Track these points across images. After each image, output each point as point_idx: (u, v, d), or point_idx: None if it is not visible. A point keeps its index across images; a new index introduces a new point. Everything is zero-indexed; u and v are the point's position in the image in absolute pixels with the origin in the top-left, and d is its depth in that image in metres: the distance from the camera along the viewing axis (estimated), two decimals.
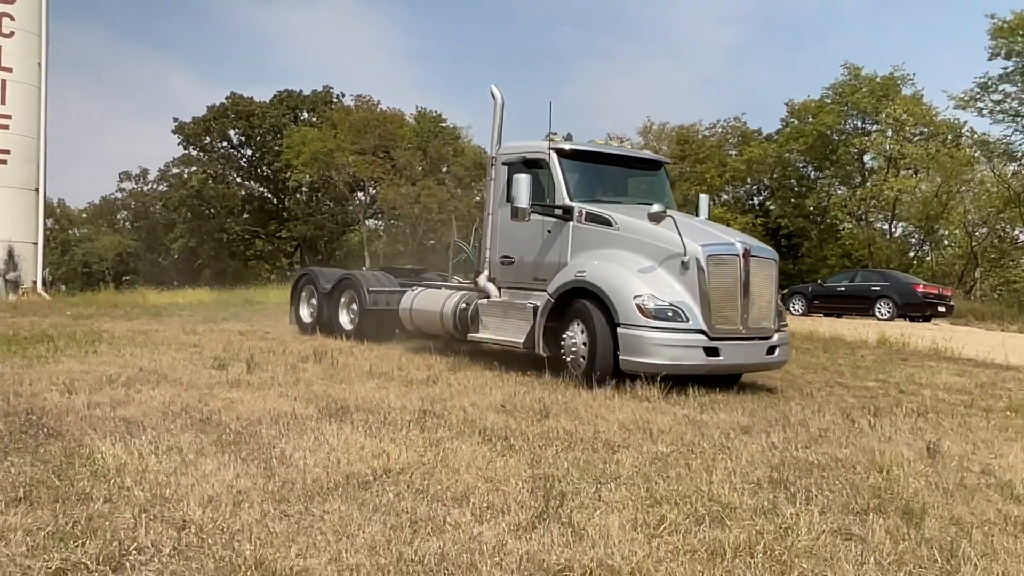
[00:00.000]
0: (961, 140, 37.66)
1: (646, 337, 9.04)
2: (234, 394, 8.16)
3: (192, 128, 61.19)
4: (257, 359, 10.70)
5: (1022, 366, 13.65)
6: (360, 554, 3.97)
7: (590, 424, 7.11)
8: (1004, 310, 29.58)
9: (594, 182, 11.40)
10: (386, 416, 7.12)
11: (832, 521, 4.69)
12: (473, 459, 5.75)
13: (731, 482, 5.39)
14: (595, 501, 4.88)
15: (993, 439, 7.30)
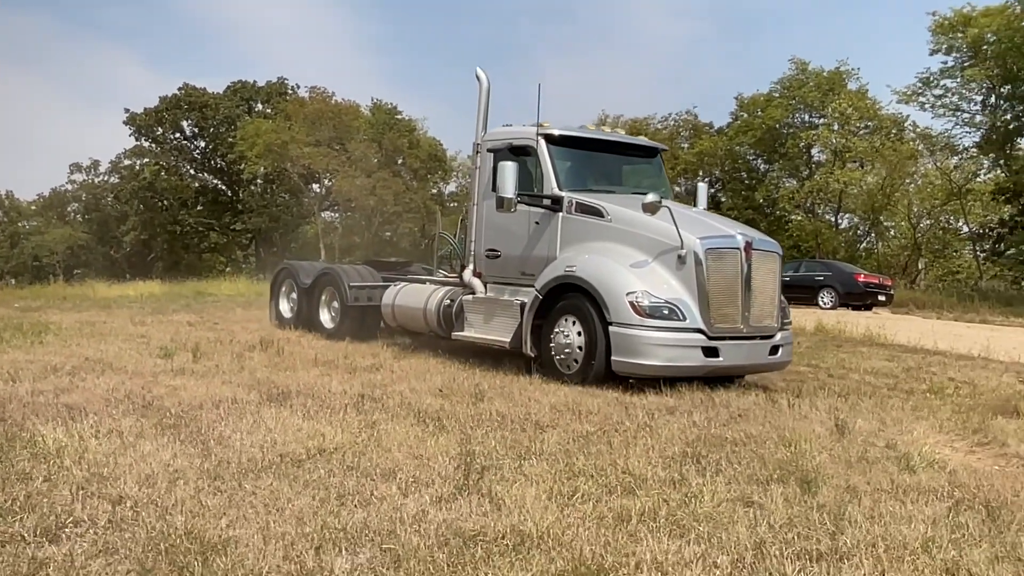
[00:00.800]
0: (904, 134, 38.61)
1: (640, 336, 8.50)
2: (178, 381, 8.32)
3: (144, 119, 60.36)
4: (204, 348, 10.84)
5: (948, 351, 14.19)
6: (287, 524, 4.20)
7: (522, 406, 7.39)
8: (943, 299, 30.44)
9: (585, 170, 10.76)
10: (325, 400, 7.34)
11: (735, 490, 5.02)
12: (405, 439, 6.01)
13: (647, 457, 5.71)
14: (516, 474, 5.17)
15: (904, 418, 7.69)
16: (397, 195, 47.60)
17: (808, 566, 3.88)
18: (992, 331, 19.64)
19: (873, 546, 4.13)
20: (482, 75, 11.38)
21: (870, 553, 4.04)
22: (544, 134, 10.23)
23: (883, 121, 38.00)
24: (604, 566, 3.80)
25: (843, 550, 4.09)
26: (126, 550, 3.86)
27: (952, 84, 34.70)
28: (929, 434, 6.97)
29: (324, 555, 3.84)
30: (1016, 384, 10.90)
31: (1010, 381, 11.14)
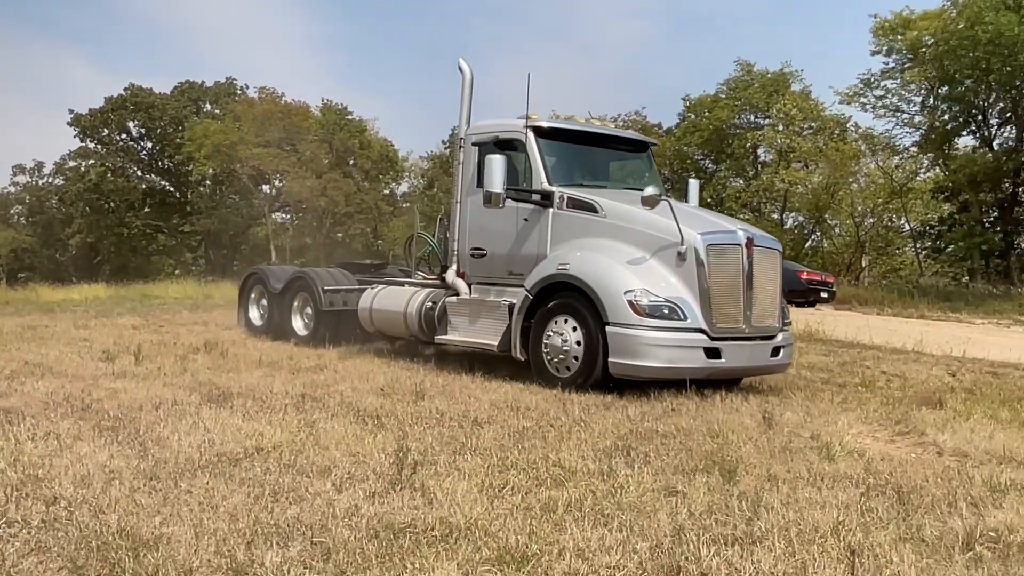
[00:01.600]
0: (847, 134, 39.46)
1: (639, 337, 8.16)
2: (118, 384, 8.30)
3: (89, 120, 59.39)
4: (147, 351, 10.80)
5: (883, 345, 14.63)
6: (221, 521, 4.28)
7: (462, 404, 7.53)
8: (885, 296, 31.17)
9: (574, 165, 10.35)
10: (266, 401, 7.41)
11: (660, 480, 5.20)
12: (343, 437, 6.10)
13: (580, 450, 5.87)
14: (450, 469, 5.29)
15: (831, 410, 7.96)
16: (348, 196, 47.46)
17: (723, 549, 4.06)
18: (928, 326, 20.24)
19: (786, 530, 4.32)
20: (465, 67, 10.91)
21: (782, 536, 4.23)
22: (533, 126, 9.83)
23: (826, 122, 38.82)
24: (528, 554, 3.94)
25: (757, 534, 4.28)
26: (58, 548, 3.92)
27: (892, 85, 35.65)
28: (853, 425, 7.23)
29: (255, 549, 3.92)
30: (945, 376, 11.31)
31: (939, 373, 11.55)
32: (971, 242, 35.89)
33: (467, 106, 10.87)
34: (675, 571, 3.82)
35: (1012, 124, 35.61)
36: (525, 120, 9.87)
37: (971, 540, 4.29)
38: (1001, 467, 5.80)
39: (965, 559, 4.09)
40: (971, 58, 29.39)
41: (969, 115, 35.63)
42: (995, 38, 27.73)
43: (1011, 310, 27.42)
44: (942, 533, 4.40)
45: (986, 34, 27.91)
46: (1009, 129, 36.11)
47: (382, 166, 55.06)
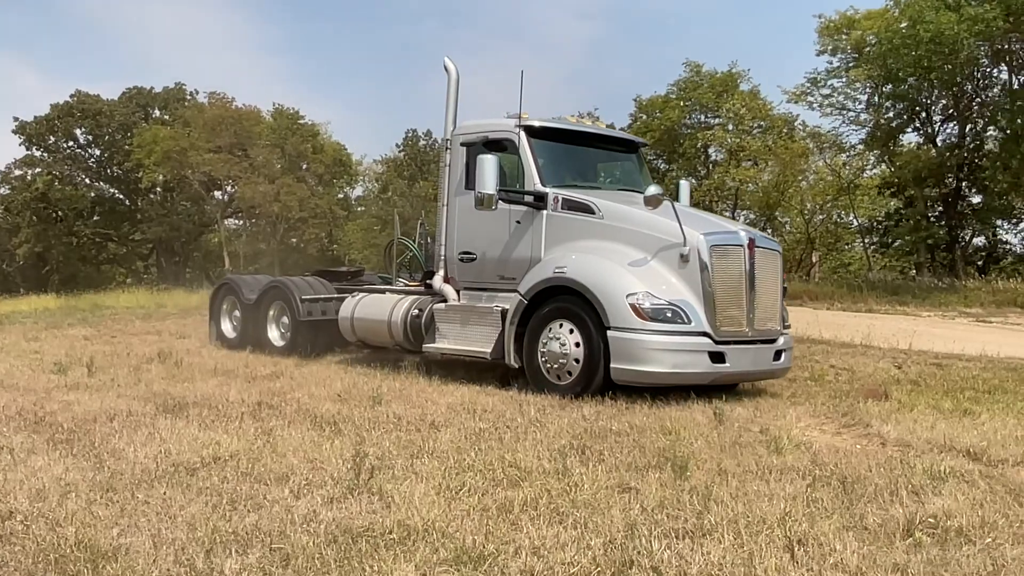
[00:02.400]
0: (795, 133, 40.07)
1: (642, 342, 7.90)
2: (72, 396, 8.25)
3: (34, 127, 58.17)
4: (99, 362, 10.71)
5: (832, 340, 14.90)
6: (179, 530, 4.31)
7: (419, 407, 7.59)
8: (835, 291, 31.68)
9: (566, 165, 10.11)
10: (222, 410, 7.41)
11: (614, 477, 5.33)
12: (300, 444, 6.14)
13: (535, 450, 5.97)
14: (407, 473, 5.37)
15: (781, 404, 8.17)
16: (302, 201, 47.12)
17: (674, 543, 4.18)
18: (875, 319, 20.66)
19: (735, 522, 4.46)
20: (450, 65, 10.61)
21: (731, 529, 4.37)
22: (525, 126, 9.53)
23: (775, 121, 39.31)
24: (485, 553, 4.02)
25: (707, 527, 4.41)
26: (16, 562, 3.92)
27: (838, 84, 36.16)
28: (801, 418, 7.43)
29: (214, 557, 3.96)
30: (891, 369, 11.60)
31: (886, 366, 11.84)
32: (917, 236, 36.62)
33: (453, 106, 10.58)
34: (628, 565, 3.93)
35: (954, 121, 36.46)
36: (517, 120, 9.59)
37: (911, 526, 4.47)
38: (941, 456, 6.01)
39: (905, 545, 4.26)
40: (913, 56, 29.96)
41: (913, 112, 36.34)
42: (936, 36, 28.35)
43: (956, 302, 28.04)
44: (884, 521, 4.57)
45: (927, 33, 28.50)
46: (952, 126, 36.94)
47: (335, 170, 54.70)
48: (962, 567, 3.99)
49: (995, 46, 31.27)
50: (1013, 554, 4.14)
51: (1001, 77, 33.98)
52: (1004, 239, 42.96)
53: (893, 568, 3.95)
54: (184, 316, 20.05)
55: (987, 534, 4.39)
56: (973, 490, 5.13)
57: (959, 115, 35.44)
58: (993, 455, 6.00)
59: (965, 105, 34.88)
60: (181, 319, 19.36)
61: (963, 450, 6.16)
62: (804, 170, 39.99)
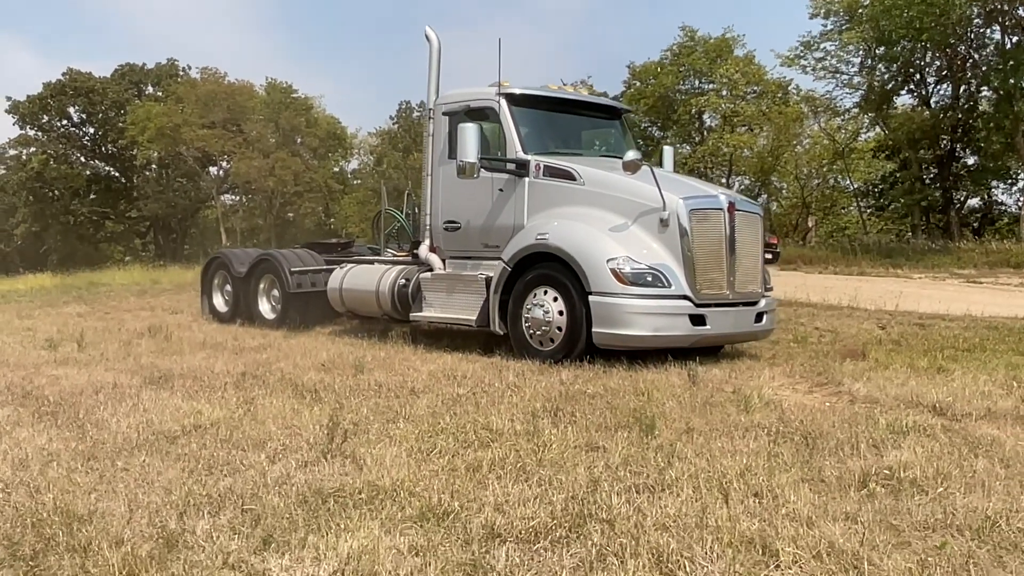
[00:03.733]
0: (789, 97, 39.99)
1: (623, 306, 7.95)
2: (60, 371, 8.37)
3: (27, 107, 58.07)
4: (91, 338, 10.83)
5: (820, 303, 15.02)
6: (155, 495, 4.43)
7: (400, 375, 7.71)
8: (829, 254, 31.81)
9: (548, 132, 10.05)
10: (206, 381, 7.54)
11: (583, 437, 5.44)
12: (280, 411, 6.26)
13: (510, 413, 6.07)
14: (382, 437, 5.49)
15: (758, 366, 8.30)
16: (297, 175, 47.15)
17: (634, 497, 4.31)
18: (865, 282, 20.78)
19: (695, 477, 4.59)
20: (432, 35, 10.57)
21: (691, 483, 4.49)
22: (505, 93, 9.52)
23: (769, 85, 39.25)
24: (449, 510, 4.15)
25: (668, 482, 4.54)
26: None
27: (831, 47, 36.05)
28: (776, 378, 7.57)
29: (187, 519, 4.08)
30: (875, 330, 11.72)
31: (870, 327, 11.96)
32: (911, 199, 36.72)
33: (435, 75, 10.52)
34: (586, 518, 4.05)
35: (948, 82, 36.39)
36: (497, 88, 9.57)
37: (867, 478, 4.59)
38: (907, 411, 6.14)
39: (860, 495, 4.39)
40: (905, 18, 29.84)
41: (906, 75, 36.28)
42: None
43: (949, 263, 28.17)
44: (841, 473, 4.70)
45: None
46: (945, 87, 36.92)
47: (330, 144, 54.63)
48: (912, 515, 4.11)
49: (988, 6, 31.13)
50: (963, 502, 4.27)
51: (994, 37, 33.92)
52: (1000, 200, 43.01)
53: (844, 516, 4.07)
54: (179, 292, 20.18)
55: (940, 484, 4.52)
56: (932, 443, 5.26)
57: (952, 76, 35.39)
58: (958, 410, 6.13)
59: (958, 66, 34.79)
60: (176, 295, 19.49)
61: (929, 405, 6.29)
62: (799, 135, 39.93)
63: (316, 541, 3.80)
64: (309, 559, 3.67)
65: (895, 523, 4.02)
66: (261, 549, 3.77)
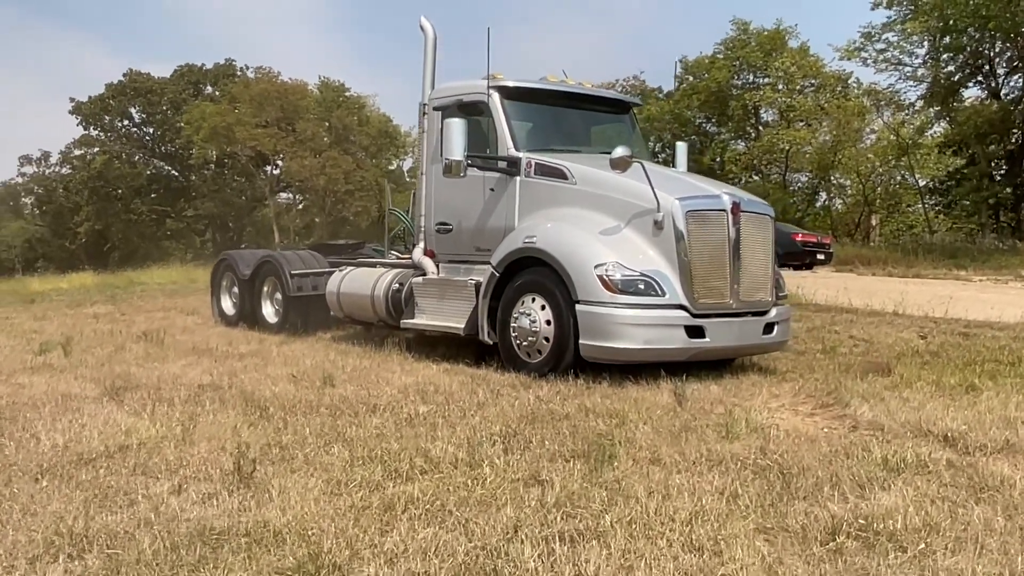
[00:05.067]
0: (849, 91, 38.57)
1: (612, 316, 7.27)
2: (30, 379, 8.11)
3: (90, 107, 59.50)
4: (87, 342, 10.63)
5: (861, 308, 14.14)
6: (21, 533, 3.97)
7: (368, 389, 7.17)
8: (888, 255, 30.48)
9: (547, 128, 9.43)
10: (164, 392, 7.13)
11: (530, 468, 4.84)
12: (217, 431, 5.79)
13: (463, 437, 5.50)
14: (306, 464, 4.97)
15: (765, 381, 7.57)
16: (347, 173, 47.18)
17: (553, 548, 3.72)
18: (919, 284, 19.64)
19: (634, 522, 3.98)
20: (427, 25, 10.01)
21: (627, 531, 3.89)
22: (497, 86, 8.89)
23: (827, 79, 37.91)
24: (336, 561, 3.62)
25: (602, 528, 3.94)
26: None
27: (894, 38, 34.61)
28: (779, 396, 6.85)
29: (39, 564, 3.63)
30: (914, 339, 10.85)
31: (909, 336, 11.09)
32: (979, 196, 35.06)
33: (430, 69, 10.00)
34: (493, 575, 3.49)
35: (1020, 72, 34.62)
36: (488, 80, 8.94)
37: (837, 529, 3.93)
38: (912, 441, 5.41)
39: (824, 551, 3.74)
40: (972, 6, 28.47)
41: (975, 66, 34.67)
42: None
43: (1017, 265, 26.68)
44: (808, 522, 4.03)
45: None
46: (1017, 78, 35.14)
47: (381, 142, 54.58)
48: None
49: None
50: (946, 564, 3.59)
51: None
52: None
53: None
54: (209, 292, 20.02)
55: (925, 539, 3.84)
56: (929, 484, 4.55)
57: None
58: (971, 441, 5.37)
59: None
60: (205, 295, 19.30)
61: (940, 435, 5.53)
62: (860, 130, 38.47)
63: None
64: None
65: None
66: None
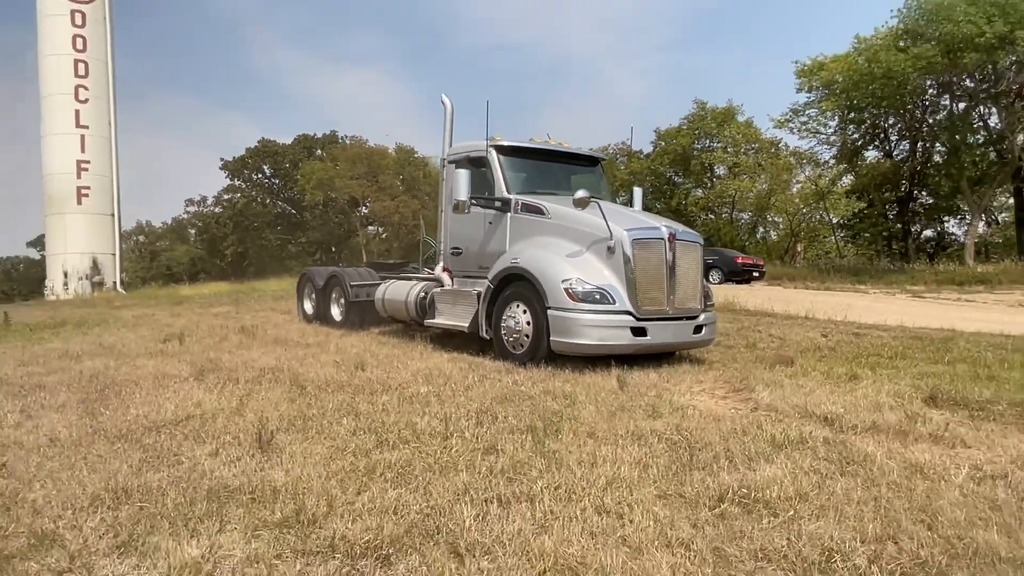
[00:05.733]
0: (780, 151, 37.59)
1: (575, 319, 7.03)
2: (146, 361, 7.76)
3: (234, 165, 60.04)
4: (201, 332, 10.33)
5: (780, 313, 13.50)
6: (78, 487, 3.65)
7: (389, 373, 6.77)
8: (808, 273, 29.55)
9: (532, 177, 9.10)
10: (239, 373, 6.76)
11: (490, 440, 4.44)
12: (264, 404, 5.44)
13: (444, 414, 5.08)
14: (318, 434, 4.60)
15: (693, 370, 7.08)
16: (415, 212, 46.93)
17: (490, 509, 3.32)
18: (828, 295, 18.90)
19: (559, 488, 3.56)
20: (446, 101, 9.90)
21: (553, 495, 3.48)
22: (495, 145, 8.75)
23: (763, 143, 36.96)
24: (314, 515, 3.25)
25: (534, 492, 3.53)
26: None
27: (813, 113, 33.58)
28: (703, 382, 6.35)
29: (80, 514, 3.30)
30: (818, 337, 10.24)
31: (814, 335, 10.46)
32: (875, 230, 33.96)
33: (449, 133, 9.83)
34: (432, 534, 3.10)
35: (907, 140, 33.50)
36: (488, 141, 8.81)
37: (723, 496, 3.48)
38: (798, 421, 4.92)
39: (711, 515, 3.30)
40: (869, 89, 27.51)
41: (873, 134, 33.58)
42: (887, 72, 25.88)
43: (904, 281, 25.70)
44: (702, 489, 3.60)
45: (880, 70, 26.07)
46: (905, 143, 33.97)
47: None
48: (752, 541, 3.02)
49: (940, 79, 28.43)
50: (809, 529, 3.14)
51: (945, 104, 30.95)
52: (951, 231, 39.52)
53: (679, 543, 3.00)
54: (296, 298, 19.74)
55: (794, 506, 3.37)
56: (805, 459, 4.07)
57: (910, 135, 32.54)
58: (845, 422, 4.86)
59: (915, 128, 31.96)
60: None
61: (821, 416, 5.03)
62: (787, 180, 37.54)
63: (166, 546, 2.95)
64: (145, 565, 2.81)
65: (728, 552, 2.92)
66: (111, 551, 2.94)
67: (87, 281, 37.84)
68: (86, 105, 37.90)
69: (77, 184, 37.39)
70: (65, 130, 36.99)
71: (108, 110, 39.00)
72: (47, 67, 37.48)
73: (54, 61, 37.37)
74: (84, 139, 37.92)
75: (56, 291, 36.14)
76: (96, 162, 38.15)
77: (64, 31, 37.22)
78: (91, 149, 37.92)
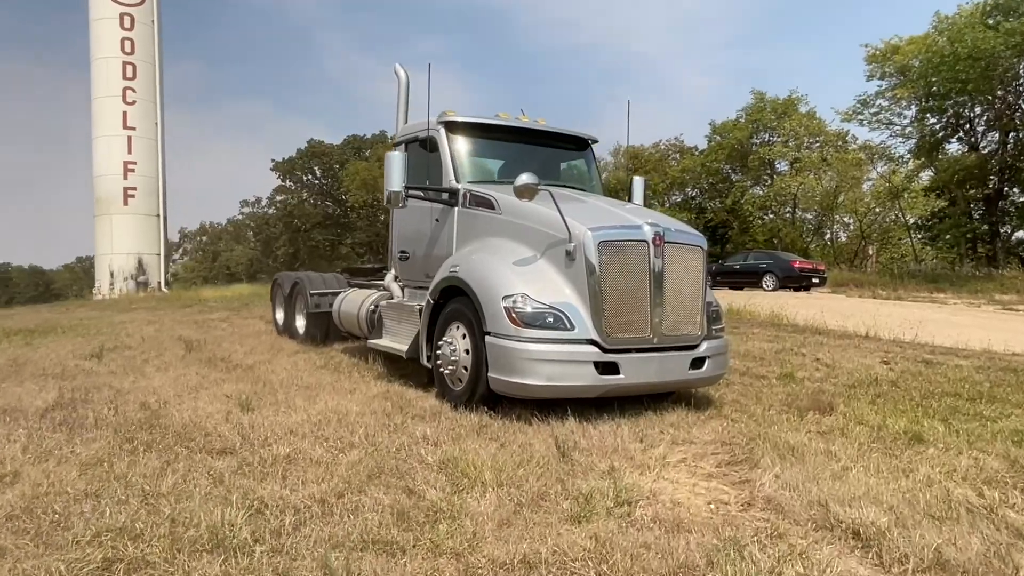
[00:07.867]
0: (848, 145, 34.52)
1: (517, 350, 5.08)
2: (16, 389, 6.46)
3: (284, 166, 60.28)
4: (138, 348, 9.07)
5: (834, 330, 11.32)
6: None
7: (280, 416, 5.14)
8: (878, 279, 26.61)
9: (496, 163, 7.29)
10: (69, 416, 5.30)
11: (283, 565, 2.77)
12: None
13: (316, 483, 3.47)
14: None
15: (686, 422, 5.21)
16: None
17: None
18: (897, 306, 16.36)
19: None
20: (400, 71, 8.13)
21: None
22: (443, 122, 6.78)
23: (829, 136, 33.98)
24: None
25: None
26: None
27: (885, 103, 30.55)
28: (688, 445, 4.50)
29: None
30: (876, 365, 8.17)
31: (872, 362, 8.40)
32: (958, 232, 30.55)
33: (403, 110, 8.08)
34: None
35: (996, 130, 30.02)
36: (436, 117, 6.81)
37: None
38: (807, 541, 3.04)
39: None
40: (952, 73, 24.50)
41: (957, 124, 30.25)
42: (973, 52, 22.90)
43: (991, 289, 22.62)
44: None
45: (964, 50, 23.10)
46: (994, 134, 30.48)
47: None
48: None
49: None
50: None
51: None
52: None
53: None
54: None
55: None
56: None
57: (1000, 124, 29.09)
58: (891, 546, 2.94)
59: (1007, 116, 28.50)
60: None
61: (850, 528, 3.13)
62: (857, 177, 34.38)
63: None
64: None
65: None
66: None
67: (132, 281, 38.25)
68: (133, 107, 38.31)
69: (124, 185, 37.80)
70: (113, 132, 37.44)
71: (155, 111, 39.37)
72: (97, 70, 38.01)
73: (103, 64, 37.88)
74: (131, 140, 38.33)
75: (103, 291, 36.54)
76: (143, 163, 38.51)
77: (113, 34, 37.67)
78: (138, 150, 38.28)
